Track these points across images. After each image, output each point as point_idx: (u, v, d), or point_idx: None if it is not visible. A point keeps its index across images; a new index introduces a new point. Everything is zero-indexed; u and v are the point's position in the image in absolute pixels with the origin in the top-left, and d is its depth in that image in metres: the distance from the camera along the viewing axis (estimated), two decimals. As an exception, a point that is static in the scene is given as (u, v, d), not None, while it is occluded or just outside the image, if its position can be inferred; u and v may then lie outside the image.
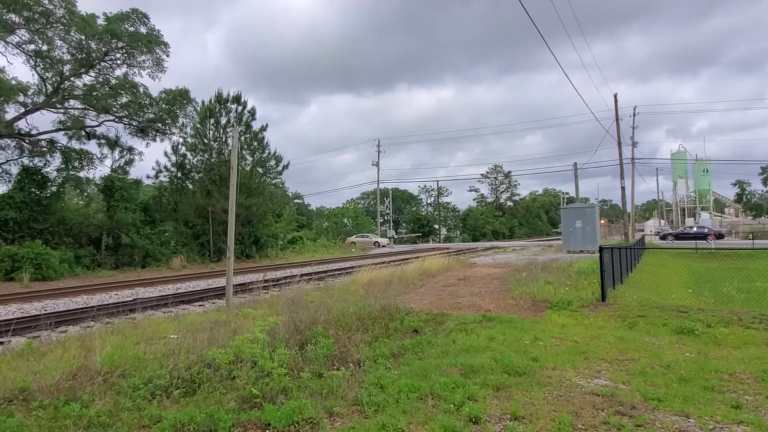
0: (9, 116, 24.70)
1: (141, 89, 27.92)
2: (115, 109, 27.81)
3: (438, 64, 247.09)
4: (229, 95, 32.35)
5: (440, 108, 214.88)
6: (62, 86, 26.28)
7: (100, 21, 25.72)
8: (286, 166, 34.64)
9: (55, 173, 26.56)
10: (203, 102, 31.77)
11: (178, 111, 30.12)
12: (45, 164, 26.27)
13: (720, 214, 70.48)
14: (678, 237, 41.91)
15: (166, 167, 31.34)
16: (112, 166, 28.87)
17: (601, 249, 10.81)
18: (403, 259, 24.25)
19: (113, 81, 27.41)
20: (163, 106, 29.44)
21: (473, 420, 4.15)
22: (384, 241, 51.78)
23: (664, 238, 43.13)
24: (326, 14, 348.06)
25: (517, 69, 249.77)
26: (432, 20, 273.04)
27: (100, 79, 27.33)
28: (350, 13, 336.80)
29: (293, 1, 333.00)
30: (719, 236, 40.82)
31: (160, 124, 29.80)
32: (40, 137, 26.68)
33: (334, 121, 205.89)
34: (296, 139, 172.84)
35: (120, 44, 26.54)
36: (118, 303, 12.59)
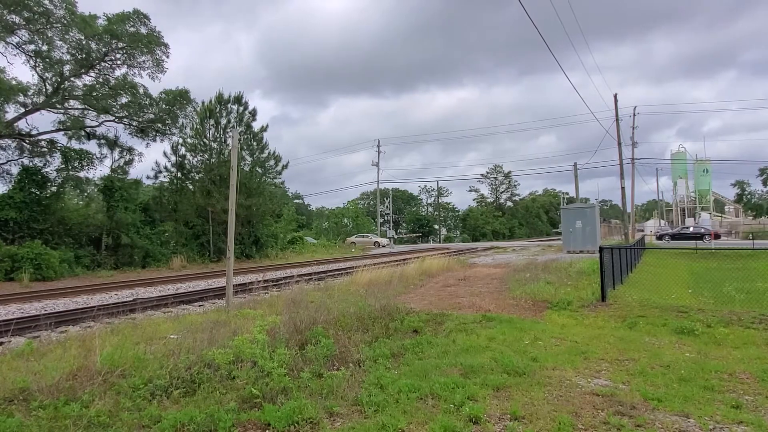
0: (9, 116, 24.72)
1: (141, 90, 27.95)
2: (115, 110, 27.80)
3: (462, 67, 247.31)
4: (230, 96, 32.38)
5: (459, 109, 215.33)
6: (62, 86, 26.27)
7: (101, 21, 25.74)
8: (285, 166, 34.72)
9: (55, 173, 26.56)
10: (203, 102, 31.82)
11: (178, 111, 30.12)
12: (45, 164, 26.27)
13: (720, 214, 70.51)
14: (674, 237, 41.91)
15: (165, 167, 31.35)
16: (111, 166, 28.87)
17: (601, 249, 10.81)
18: (403, 259, 24.24)
19: (113, 81, 27.40)
20: (163, 106, 29.43)
21: (473, 420, 4.15)
22: (384, 241, 51.77)
23: (660, 238, 43.14)
24: (364, 18, 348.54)
25: (537, 70, 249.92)
26: (464, 25, 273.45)
27: (100, 80, 27.31)
28: (388, 18, 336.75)
29: (330, 5, 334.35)
30: (716, 236, 40.81)
31: (160, 125, 29.79)
32: (40, 137, 26.67)
33: (352, 121, 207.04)
34: (312, 139, 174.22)
35: (120, 45, 26.53)
36: (118, 303, 12.59)
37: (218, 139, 32.07)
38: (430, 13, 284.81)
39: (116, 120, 28.24)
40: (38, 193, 24.86)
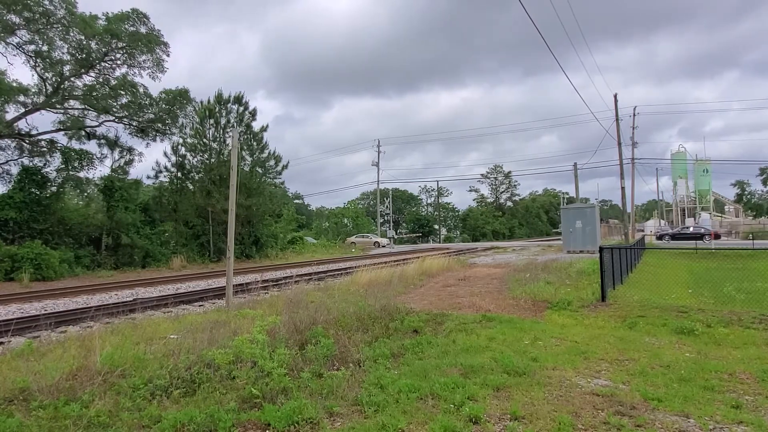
0: (9, 116, 24.71)
1: (141, 89, 27.95)
2: (115, 110, 27.81)
3: (466, 67, 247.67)
4: (230, 96, 32.42)
5: (462, 109, 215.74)
6: (62, 86, 26.28)
7: (101, 21, 25.74)
8: (285, 166, 34.76)
9: (55, 173, 26.57)
10: (202, 102, 31.83)
11: (178, 111, 30.12)
12: (45, 164, 26.29)
13: (720, 214, 70.51)
14: (675, 237, 41.91)
15: (165, 167, 31.39)
16: (112, 166, 28.89)
17: (601, 249, 10.81)
18: (403, 259, 24.24)
19: (113, 81, 27.41)
20: (163, 106, 29.43)
21: (473, 420, 4.15)
22: (384, 241, 51.77)
23: (661, 238, 43.16)
24: (370, 19, 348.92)
25: (541, 71, 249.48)
26: (469, 25, 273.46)
27: (100, 80, 27.33)
28: (394, 19, 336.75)
29: (336, 6, 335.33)
30: (716, 236, 40.80)
31: (160, 125, 29.79)
32: (40, 137, 26.68)
33: (354, 121, 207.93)
34: (314, 139, 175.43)
35: (120, 44, 26.53)
36: (118, 303, 12.59)
37: (218, 139, 32.10)
38: (435, 13, 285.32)
39: (116, 120, 28.24)
40: (38, 193, 24.86)
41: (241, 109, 32.72)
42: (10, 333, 8.82)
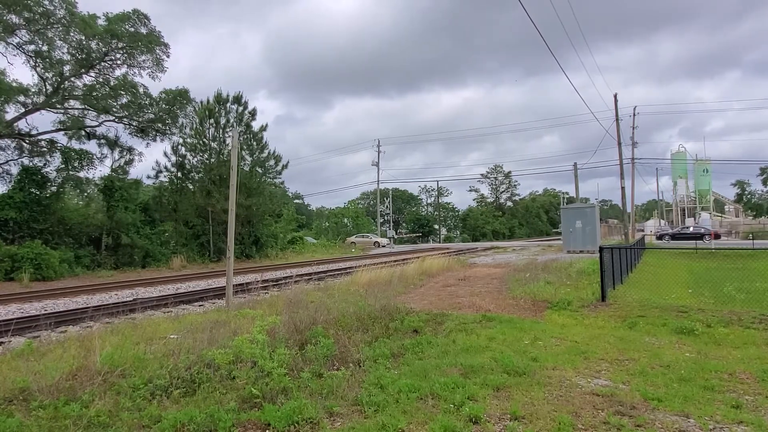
0: (9, 116, 24.72)
1: (141, 89, 27.96)
2: (115, 110, 27.81)
3: (467, 67, 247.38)
4: (228, 96, 32.40)
5: (463, 109, 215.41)
6: (62, 86, 26.28)
7: (101, 21, 25.76)
8: (285, 166, 34.76)
9: (55, 173, 26.58)
10: (202, 102, 31.83)
11: (178, 111, 30.13)
12: (45, 164, 26.30)
13: (720, 214, 70.50)
14: (674, 237, 41.93)
15: (165, 167, 31.41)
16: (112, 166, 28.91)
17: (601, 249, 10.81)
18: (403, 259, 24.24)
19: (113, 81, 27.42)
20: (163, 106, 29.45)
21: (473, 420, 4.15)
22: (384, 241, 51.79)
23: (660, 238, 43.19)
24: (371, 19, 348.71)
25: (542, 71, 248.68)
26: (471, 25, 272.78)
27: (100, 80, 27.34)
28: (396, 19, 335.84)
29: (338, 5, 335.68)
30: (716, 236, 40.82)
31: (160, 125, 29.80)
32: (40, 137, 26.69)
33: (355, 121, 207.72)
34: (315, 139, 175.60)
35: (120, 44, 26.55)
36: (118, 303, 12.59)
37: (218, 139, 32.11)
38: (436, 14, 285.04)
39: (116, 120, 28.26)
40: (38, 193, 24.86)
41: (241, 108, 32.74)
42: (10, 333, 8.82)
